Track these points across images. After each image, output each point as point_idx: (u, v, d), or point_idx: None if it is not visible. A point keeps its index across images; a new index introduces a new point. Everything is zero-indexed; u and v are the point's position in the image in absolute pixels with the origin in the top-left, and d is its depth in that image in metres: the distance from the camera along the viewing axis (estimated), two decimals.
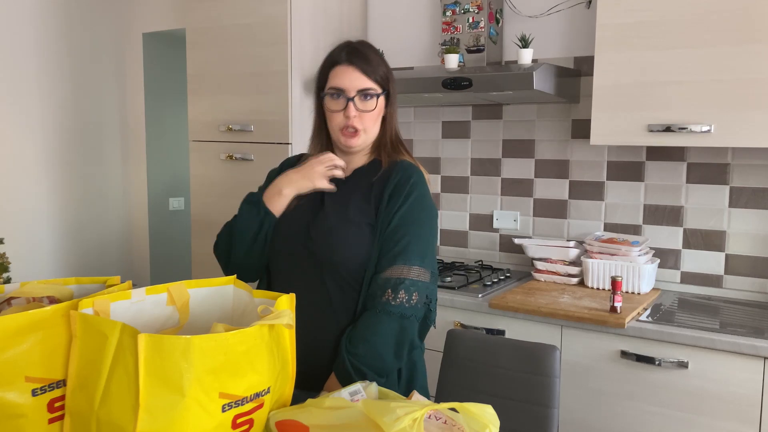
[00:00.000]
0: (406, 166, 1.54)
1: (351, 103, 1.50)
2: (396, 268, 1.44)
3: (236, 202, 1.64)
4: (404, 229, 1.46)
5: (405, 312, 1.42)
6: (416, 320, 1.44)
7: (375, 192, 1.51)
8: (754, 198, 2.37)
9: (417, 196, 1.49)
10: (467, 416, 1.00)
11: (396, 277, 1.43)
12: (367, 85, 1.50)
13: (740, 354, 1.90)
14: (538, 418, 1.66)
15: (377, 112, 1.54)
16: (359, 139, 1.53)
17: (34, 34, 3.33)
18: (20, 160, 3.31)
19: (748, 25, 2.03)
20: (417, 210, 1.49)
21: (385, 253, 1.46)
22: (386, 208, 1.48)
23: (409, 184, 1.49)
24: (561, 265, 2.56)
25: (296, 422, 1.02)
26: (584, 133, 2.62)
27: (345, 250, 1.46)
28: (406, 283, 1.42)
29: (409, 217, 1.47)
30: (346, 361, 1.41)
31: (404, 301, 1.42)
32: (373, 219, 1.49)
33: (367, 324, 1.43)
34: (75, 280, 1.25)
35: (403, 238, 1.45)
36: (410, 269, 1.44)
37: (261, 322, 1.01)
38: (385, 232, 1.47)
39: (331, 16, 2.85)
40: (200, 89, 2.94)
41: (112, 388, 0.96)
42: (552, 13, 2.68)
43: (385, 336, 1.41)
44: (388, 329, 1.41)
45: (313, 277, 1.49)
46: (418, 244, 1.46)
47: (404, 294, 1.42)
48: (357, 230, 1.47)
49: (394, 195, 1.49)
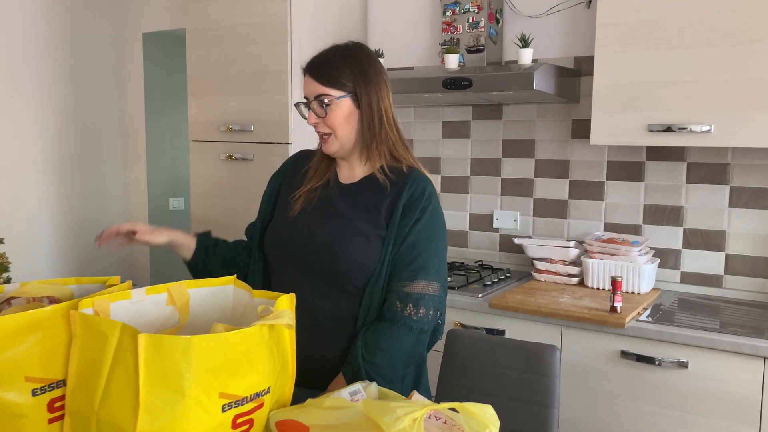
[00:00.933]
0: (418, 177, 1.53)
1: (310, 110, 1.53)
2: (418, 284, 1.47)
3: (236, 202, 1.64)
4: (422, 245, 1.49)
5: (423, 327, 1.47)
6: (429, 334, 1.50)
7: (387, 203, 1.51)
8: (754, 198, 2.37)
9: (432, 211, 1.51)
10: (467, 416, 1.00)
11: (418, 293, 1.46)
12: (321, 91, 1.50)
13: (740, 354, 1.90)
14: (538, 418, 1.66)
15: (340, 116, 1.50)
16: (333, 145, 1.54)
17: (34, 34, 3.33)
18: (20, 160, 3.31)
19: (748, 25, 2.03)
20: (433, 225, 1.51)
21: (404, 267, 1.48)
22: (401, 221, 1.49)
23: (423, 198, 1.51)
24: (561, 265, 2.56)
25: (296, 422, 1.02)
26: (584, 133, 2.62)
27: (351, 260, 1.47)
28: (426, 299, 1.47)
29: (426, 233, 1.50)
30: (362, 368, 1.43)
31: (423, 316, 1.46)
32: (383, 230, 1.49)
33: (386, 336, 1.45)
34: (75, 280, 1.25)
35: (422, 254, 1.48)
36: (429, 284, 1.47)
37: (261, 322, 1.01)
38: (402, 246, 1.48)
39: (331, 16, 2.85)
40: (200, 89, 2.94)
41: (112, 388, 0.96)
42: (552, 13, 2.68)
43: (402, 349, 1.46)
44: (407, 343, 1.46)
45: (314, 287, 1.50)
46: (435, 260, 1.50)
47: (424, 309, 1.46)
48: (364, 241, 1.48)
49: (409, 209, 1.50)
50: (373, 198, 1.52)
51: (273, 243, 1.59)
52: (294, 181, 1.63)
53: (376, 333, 1.46)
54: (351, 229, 1.49)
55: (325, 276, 1.50)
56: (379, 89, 1.53)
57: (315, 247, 1.50)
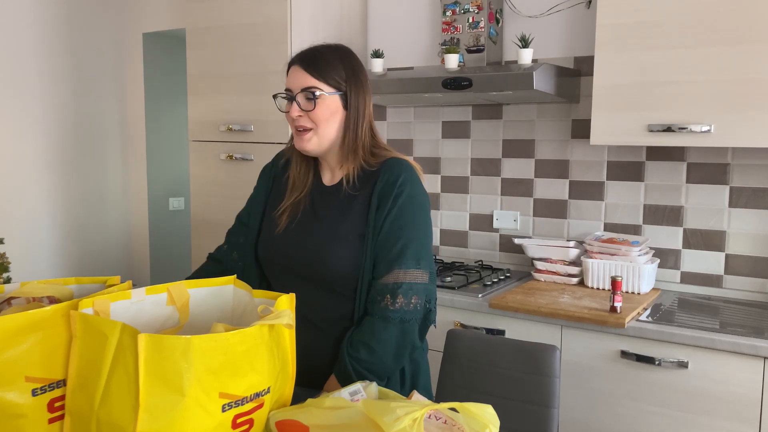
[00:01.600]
0: (392, 165, 1.50)
1: (294, 102, 1.48)
2: (393, 274, 1.43)
3: (236, 202, 1.64)
4: (397, 233, 1.45)
5: (405, 316, 1.42)
6: (416, 323, 1.45)
7: (362, 199, 1.49)
8: (754, 198, 2.37)
9: (406, 197, 1.47)
10: (467, 416, 1.00)
11: (393, 282, 1.43)
12: (311, 84, 1.47)
13: (740, 354, 1.90)
14: (538, 418, 1.66)
15: (327, 112, 1.48)
16: (311, 142, 1.49)
17: (34, 34, 3.33)
18: (20, 160, 3.31)
19: (748, 25, 2.03)
20: (407, 211, 1.47)
21: (381, 260, 1.45)
22: (377, 213, 1.46)
23: (396, 185, 1.46)
24: (561, 265, 2.56)
25: (296, 422, 1.02)
26: (584, 133, 2.62)
27: (334, 266, 1.47)
28: (404, 287, 1.42)
29: (401, 221, 1.46)
30: (348, 364, 1.41)
31: (403, 306, 1.42)
32: (363, 227, 1.48)
33: (368, 330, 1.43)
34: (75, 280, 1.25)
35: (398, 242, 1.45)
36: (407, 273, 1.43)
37: (261, 322, 1.01)
38: (377, 238, 1.46)
39: (331, 16, 2.85)
40: (200, 89, 2.94)
41: (112, 388, 0.96)
42: (552, 13, 2.68)
43: (386, 342, 1.42)
44: (389, 335, 1.42)
45: (308, 289, 1.49)
46: (413, 247, 1.45)
47: (402, 298, 1.42)
48: (345, 243, 1.47)
49: (382, 198, 1.47)
50: (350, 197, 1.50)
51: (266, 256, 1.59)
52: (279, 191, 1.62)
53: (360, 329, 1.45)
54: (332, 233, 1.49)
55: (317, 281, 1.50)
56: (367, 95, 1.53)
57: (303, 255, 1.50)
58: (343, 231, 1.48)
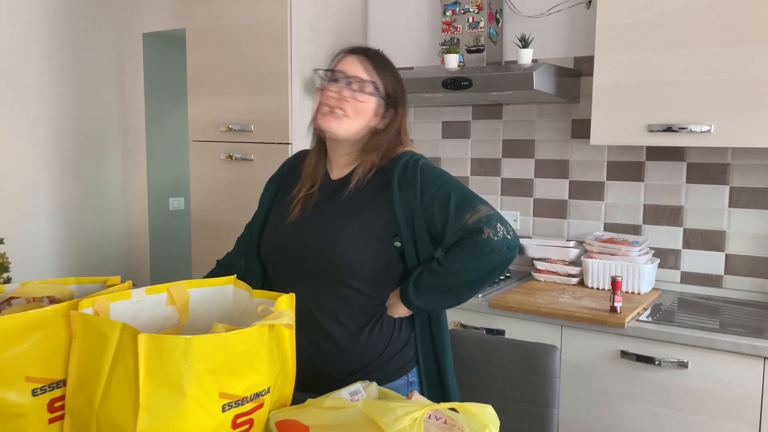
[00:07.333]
0: (405, 154, 1.52)
1: (347, 86, 1.48)
2: (466, 219, 1.41)
3: (236, 202, 1.64)
4: (445, 192, 1.44)
5: (498, 245, 1.41)
6: (515, 249, 1.45)
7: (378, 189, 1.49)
8: (754, 198, 2.37)
9: (428, 168, 1.48)
10: (467, 416, 1.00)
11: (472, 223, 1.41)
12: (370, 78, 1.49)
13: (740, 354, 1.90)
14: (538, 418, 1.66)
15: (369, 108, 1.49)
16: (341, 123, 1.47)
17: (34, 34, 3.33)
18: (20, 160, 3.31)
19: (748, 25, 2.03)
20: (437, 175, 1.48)
21: (447, 219, 1.42)
22: (402, 197, 1.46)
23: (417, 165, 1.48)
24: (561, 265, 2.56)
25: (296, 422, 1.02)
26: (584, 133, 2.62)
27: (346, 252, 1.45)
28: (484, 220, 1.41)
29: (439, 183, 1.46)
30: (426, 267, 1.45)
31: (491, 235, 1.40)
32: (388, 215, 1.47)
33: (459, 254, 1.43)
34: (75, 280, 1.25)
35: (450, 198, 1.43)
36: (477, 210, 1.42)
37: (261, 322, 1.01)
38: (430, 209, 1.44)
39: (331, 17, 2.85)
40: (200, 89, 2.94)
41: (112, 388, 0.96)
42: (552, 13, 2.68)
43: (486, 265, 1.43)
44: (486, 260, 1.42)
45: (313, 288, 1.48)
46: (465, 193, 1.45)
47: (489, 229, 1.40)
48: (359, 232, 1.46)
49: (407, 180, 1.47)
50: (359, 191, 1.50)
51: (269, 247, 1.58)
52: (291, 184, 1.61)
53: None
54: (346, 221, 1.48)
55: (324, 271, 1.47)
56: (405, 117, 1.57)
57: (317, 241, 1.48)
58: (357, 220, 1.47)
